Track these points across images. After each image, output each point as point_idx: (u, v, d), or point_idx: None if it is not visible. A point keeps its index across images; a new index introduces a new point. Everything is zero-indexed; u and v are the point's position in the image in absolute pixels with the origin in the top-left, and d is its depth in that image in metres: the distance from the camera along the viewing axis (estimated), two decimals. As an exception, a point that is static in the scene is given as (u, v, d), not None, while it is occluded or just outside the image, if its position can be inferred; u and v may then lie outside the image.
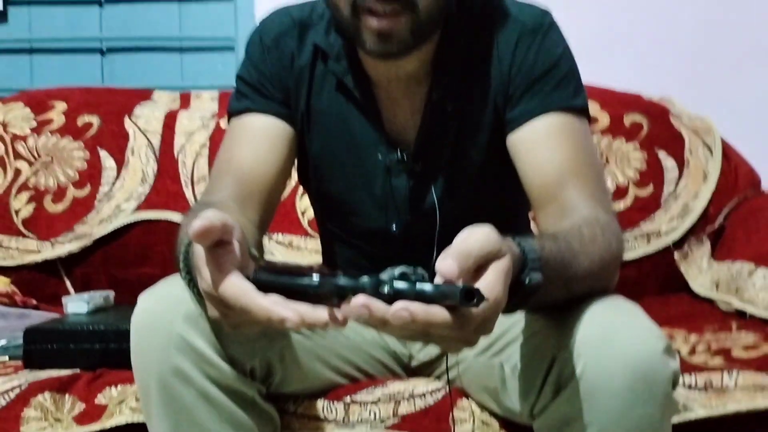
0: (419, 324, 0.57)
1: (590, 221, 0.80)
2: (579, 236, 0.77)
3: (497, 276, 0.61)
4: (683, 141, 1.55)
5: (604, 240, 0.78)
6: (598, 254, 0.77)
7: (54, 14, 1.97)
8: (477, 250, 0.60)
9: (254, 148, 0.95)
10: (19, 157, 1.55)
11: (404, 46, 0.86)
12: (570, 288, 0.75)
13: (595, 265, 0.76)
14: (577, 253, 0.74)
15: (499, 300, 0.61)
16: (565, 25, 1.81)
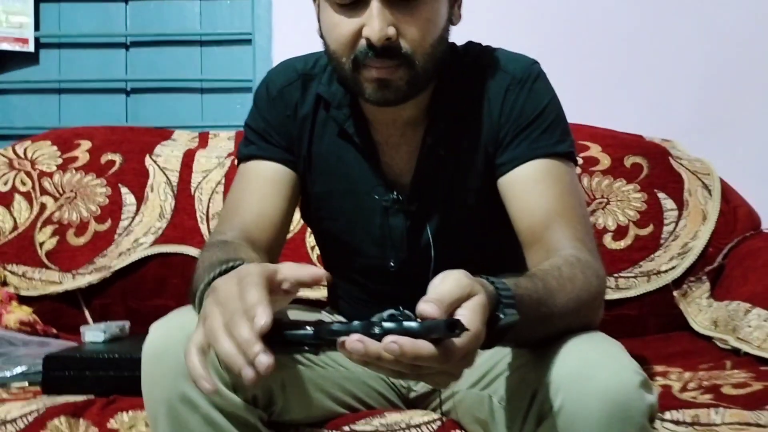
0: (408, 356, 0.62)
1: (571, 261, 0.85)
2: (558, 275, 0.81)
3: (473, 311, 0.65)
4: (683, 182, 1.59)
5: (583, 279, 0.83)
6: (575, 293, 0.81)
7: (82, 56, 2.08)
8: (448, 294, 0.65)
9: (260, 191, 1.02)
10: (45, 192, 1.64)
11: (401, 94, 0.93)
12: (548, 325, 0.79)
13: (572, 302, 0.80)
14: (554, 291, 0.79)
15: (478, 332, 0.66)
16: (570, 68, 1.90)
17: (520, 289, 0.75)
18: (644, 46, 1.91)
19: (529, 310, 0.74)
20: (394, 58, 0.90)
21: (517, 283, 0.75)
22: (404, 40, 0.90)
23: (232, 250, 0.92)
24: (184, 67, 2.06)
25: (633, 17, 1.91)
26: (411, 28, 0.90)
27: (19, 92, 2.09)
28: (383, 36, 0.89)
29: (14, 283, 1.57)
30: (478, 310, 0.66)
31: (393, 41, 0.90)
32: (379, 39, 0.89)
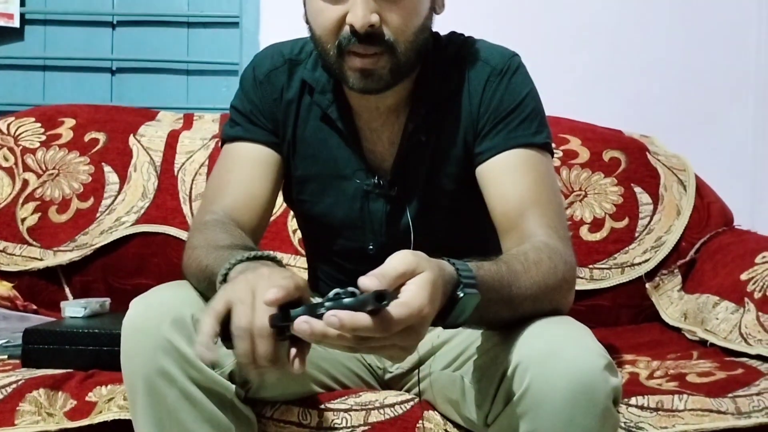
0: (347, 328, 0.66)
1: (538, 246, 0.87)
2: (523, 259, 0.84)
3: (417, 285, 0.69)
4: (659, 177, 1.62)
5: (549, 263, 0.85)
6: (541, 276, 0.84)
7: (68, 34, 2.08)
8: (392, 268, 0.69)
9: (245, 172, 1.04)
10: (28, 168, 1.64)
11: (384, 83, 0.95)
12: (513, 306, 0.82)
13: (537, 286, 0.83)
14: (518, 274, 0.81)
15: (420, 306, 0.68)
16: (552, 62, 1.93)
17: (483, 270, 0.77)
18: (626, 42, 1.94)
19: (491, 291, 0.77)
20: (377, 44, 0.92)
21: (479, 265, 0.78)
22: (387, 28, 0.93)
23: (238, 235, 0.95)
24: (170, 48, 2.06)
25: (614, 11, 1.94)
26: (394, 16, 0.92)
27: (3, 68, 2.08)
28: (366, 23, 0.91)
29: (-6, 259, 1.57)
30: (421, 285, 0.69)
31: (376, 28, 0.92)
32: (362, 26, 0.90)
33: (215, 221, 0.98)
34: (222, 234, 0.93)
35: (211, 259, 0.89)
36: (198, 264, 0.92)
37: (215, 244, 0.90)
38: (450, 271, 0.74)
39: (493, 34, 1.91)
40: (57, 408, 1.05)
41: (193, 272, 0.94)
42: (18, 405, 1.04)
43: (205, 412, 0.89)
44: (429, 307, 0.69)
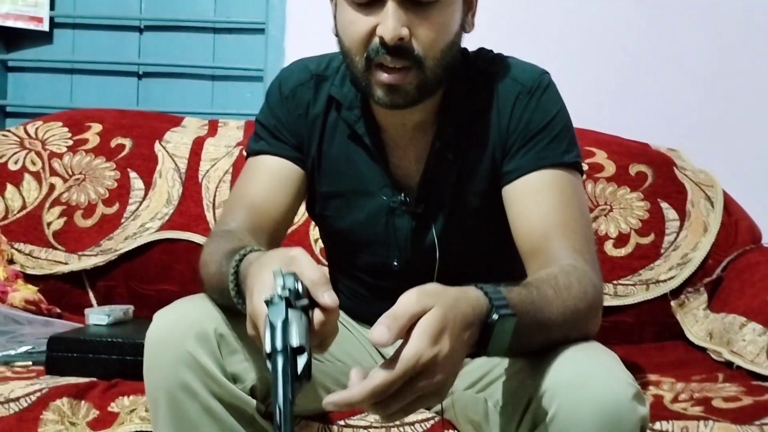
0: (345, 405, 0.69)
1: (567, 270, 0.86)
2: (554, 284, 0.82)
3: (415, 333, 0.68)
4: (686, 193, 1.60)
5: (579, 288, 0.84)
6: (572, 302, 0.82)
7: (96, 38, 2.10)
8: (403, 309, 0.69)
9: (266, 186, 1.04)
10: (55, 173, 1.65)
11: (410, 99, 0.94)
12: (544, 333, 0.81)
13: (569, 311, 0.82)
14: (550, 300, 0.80)
15: (416, 354, 0.67)
16: (579, 74, 1.91)
17: (514, 293, 0.76)
18: (653, 54, 1.91)
19: (524, 315, 0.76)
20: (405, 58, 0.92)
21: (510, 289, 0.77)
22: (416, 42, 0.92)
23: (237, 239, 0.94)
24: (196, 54, 2.07)
25: (642, 23, 1.91)
26: (424, 31, 0.92)
27: (32, 70, 2.11)
28: (396, 35, 0.90)
29: (21, 262, 1.59)
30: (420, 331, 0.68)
31: (405, 42, 0.91)
32: (392, 38, 0.90)
33: (225, 232, 0.99)
34: (226, 243, 0.93)
35: (216, 266, 0.90)
36: (207, 273, 0.93)
37: (221, 251, 0.91)
38: (476, 296, 0.73)
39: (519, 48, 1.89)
40: (80, 417, 1.06)
41: (206, 283, 0.94)
42: (42, 413, 1.05)
43: (225, 426, 0.90)
44: (430, 350, 0.68)
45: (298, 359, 0.68)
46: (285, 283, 0.72)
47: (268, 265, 0.76)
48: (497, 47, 1.08)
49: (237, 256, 0.84)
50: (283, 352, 0.68)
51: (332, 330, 0.77)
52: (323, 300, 0.75)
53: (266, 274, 0.75)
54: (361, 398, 0.67)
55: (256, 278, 0.76)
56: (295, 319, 0.69)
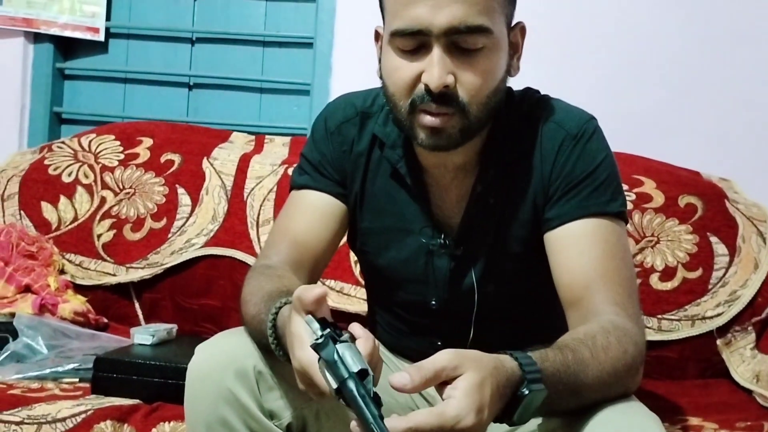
0: None
1: (607, 328, 0.84)
2: (591, 344, 0.81)
3: (462, 392, 0.69)
4: (737, 228, 1.56)
5: (618, 348, 0.82)
6: (610, 363, 0.81)
7: (149, 48, 2.14)
8: (431, 363, 0.69)
9: (309, 221, 1.05)
10: (106, 186, 1.70)
11: (453, 142, 0.94)
12: (579, 396, 0.80)
13: (606, 374, 0.80)
14: (587, 363, 0.79)
15: (458, 416, 0.68)
16: (632, 98, 1.87)
17: (548, 363, 0.76)
18: (707, 78, 1.86)
19: (558, 383, 0.75)
20: (450, 105, 0.91)
21: (544, 357, 0.76)
22: (461, 89, 0.92)
23: (277, 277, 0.96)
24: (245, 66, 2.10)
25: (697, 47, 1.86)
26: (469, 78, 0.91)
27: (87, 79, 2.16)
28: (441, 83, 0.90)
29: (71, 272, 1.64)
30: (467, 392, 0.69)
31: (450, 89, 0.91)
32: (437, 86, 0.90)
33: (266, 267, 1.00)
34: (266, 281, 0.95)
35: (255, 309, 0.91)
36: (246, 313, 0.95)
37: (260, 293, 0.93)
38: (511, 367, 0.73)
39: (571, 71, 1.89)
40: (122, 441, 1.09)
41: (246, 322, 0.96)
42: (86, 435, 1.09)
43: (262, 461, 0.91)
44: (473, 416, 0.68)
45: (366, 383, 0.71)
46: (321, 325, 0.75)
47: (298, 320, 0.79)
48: (547, 72, 1.06)
49: (273, 309, 0.85)
50: (351, 378, 0.70)
51: (378, 359, 0.78)
52: (355, 331, 0.77)
53: (299, 327, 0.77)
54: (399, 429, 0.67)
55: (293, 335, 0.77)
56: (347, 350, 0.72)
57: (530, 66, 1.07)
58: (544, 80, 1.24)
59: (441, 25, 0.88)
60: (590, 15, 1.89)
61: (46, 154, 1.77)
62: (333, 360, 0.71)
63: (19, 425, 1.09)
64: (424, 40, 0.90)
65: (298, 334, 0.77)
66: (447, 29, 0.88)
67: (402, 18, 0.90)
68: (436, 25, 0.88)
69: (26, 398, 1.14)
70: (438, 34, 0.89)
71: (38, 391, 1.19)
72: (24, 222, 1.68)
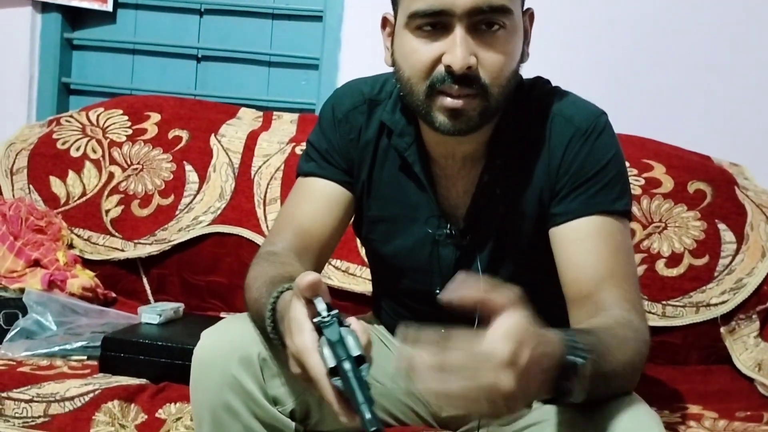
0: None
1: (623, 323, 0.84)
2: (614, 335, 0.81)
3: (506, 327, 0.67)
4: (746, 215, 1.55)
5: (636, 343, 0.83)
6: (629, 355, 0.81)
7: (158, 19, 2.12)
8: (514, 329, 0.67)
9: (314, 208, 1.05)
10: (114, 162, 1.70)
11: (473, 125, 0.93)
12: (606, 383, 0.78)
13: (627, 365, 0.80)
14: (612, 350, 0.78)
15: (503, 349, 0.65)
16: (643, 79, 1.84)
17: (584, 341, 0.74)
18: (723, 63, 1.83)
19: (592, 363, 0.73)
20: (472, 86, 0.90)
21: (579, 336, 0.75)
22: (483, 70, 0.90)
23: (280, 264, 0.97)
24: (254, 39, 2.08)
25: (712, 29, 1.83)
26: (491, 59, 0.90)
27: (95, 49, 2.15)
28: (465, 64, 0.89)
29: (80, 247, 1.65)
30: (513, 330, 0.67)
31: (473, 70, 0.90)
32: (461, 67, 0.89)
33: (270, 254, 1.01)
34: (270, 267, 0.96)
35: (257, 293, 0.92)
36: (249, 298, 0.95)
37: (263, 278, 0.93)
38: (559, 338, 0.72)
39: (584, 52, 1.86)
40: (129, 420, 1.11)
41: (248, 307, 0.96)
42: (94, 414, 1.11)
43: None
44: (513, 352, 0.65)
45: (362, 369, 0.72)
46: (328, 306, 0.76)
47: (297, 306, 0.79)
48: (559, 52, 1.04)
49: (275, 293, 0.86)
50: (349, 359, 0.71)
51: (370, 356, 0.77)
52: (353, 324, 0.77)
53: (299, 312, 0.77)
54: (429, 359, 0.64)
55: (292, 320, 0.78)
56: (349, 334, 0.73)
57: (541, 49, 1.06)
58: (556, 62, 1.23)
59: (464, 5, 0.87)
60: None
61: (54, 128, 1.77)
62: (335, 339, 0.72)
63: (28, 403, 1.11)
64: (446, 20, 0.89)
65: (296, 318, 0.77)
66: (470, 9, 0.88)
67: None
68: (459, 4, 0.87)
69: (35, 376, 1.16)
70: (461, 14, 0.88)
71: (47, 368, 1.21)
72: (33, 196, 1.69)
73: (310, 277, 0.76)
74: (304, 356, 0.76)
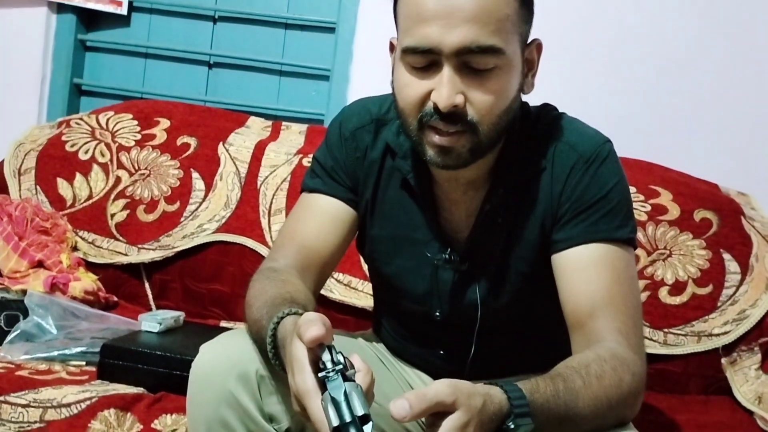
0: None
1: (603, 357, 0.84)
2: (584, 373, 0.81)
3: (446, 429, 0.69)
4: (751, 246, 1.54)
5: (613, 377, 0.83)
6: (603, 392, 0.81)
7: (172, 24, 2.13)
8: (431, 395, 0.70)
9: (318, 225, 1.05)
10: (122, 166, 1.71)
11: (462, 161, 0.93)
12: (572, 426, 0.80)
13: (599, 402, 0.81)
14: (577, 392, 0.79)
15: None
16: (652, 107, 1.83)
17: (538, 394, 0.76)
18: (731, 90, 1.83)
19: (547, 413, 0.76)
20: (459, 123, 0.90)
21: (534, 388, 0.77)
22: (471, 108, 0.90)
23: (281, 282, 0.97)
24: (266, 48, 2.09)
25: (722, 56, 1.83)
26: (479, 97, 0.90)
27: (108, 52, 2.17)
28: (450, 104, 0.89)
29: (83, 249, 1.66)
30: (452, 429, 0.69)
31: (460, 108, 0.90)
32: (446, 106, 0.89)
33: (272, 270, 1.01)
34: (271, 285, 0.95)
35: (258, 314, 0.92)
36: (249, 316, 0.95)
37: (263, 297, 0.93)
38: (500, 401, 0.74)
39: (594, 76, 1.86)
40: (125, 429, 1.11)
41: (248, 325, 0.96)
42: (90, 422, 1.11)
43: (259, 463, 0.93)
44: None
45: (364, 429, 0.71)
46: (333, 357, 0.75)
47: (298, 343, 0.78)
48: (569, 76, 1.03)
49: (275, 319, 0.85)
50: (353, 424, 0.70)
51: (372, 395, 0.79)
52: (355, 362, 0.77)
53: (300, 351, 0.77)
54: None
55: (294, 358, 0.78)
56: (354, 390, 0.72)
57: (548, 76, 1.05)
58: (566, 88, 1.22)
59: (452, 44, 0.87)
60: (611, 21, 1.85)
61: (64, 130, 1.77)
62: (339, 400, 0.71)
63: (25, 408, 1.11)
64: (435, 58, 0.89)
65: (298, 357, 0.77)
66: (458, 49, 0.87)
67: (413, 36, 0.89)
68: (447, 44, 0.87)
69: (33, 381, 1.17)
70: (449, 53, 0.87)
71: (45, 373, 1.21)
72: (39, 197, 1.70)
73: (315, 330, 0.74)
74: (305, 400, 0.76)
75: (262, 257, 1.51)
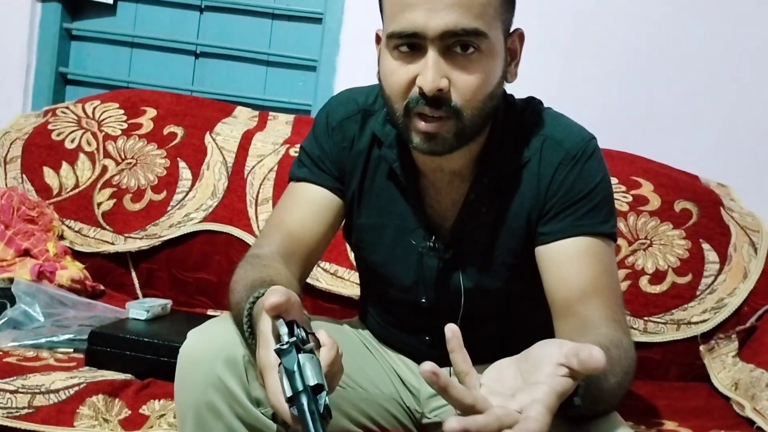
0: None
1: (615, 342, 0.85)
2: (608, 356, 0.82)
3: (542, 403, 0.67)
4: (730, 236, 1.57)
5: (626, 362, 0.84)
6: (621, 375, 0.82)
7: (158, 14, 2.13)
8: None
9: (304, 214, 1.07)
10: (108, 155, 1.71)
11: (448, 146, 0.95)
12: (593, 406, 0.79)
13: (619, 385, 0.81)
14: (606, 374, 0.79)
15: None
16: (635, 99, 1.86)
17: None
18: (714, 83, 1.86)
19: (594, 392, 0.75)
20: (443, 108, 0.92)
21: None
22: (455, 92, 0.92)
23: (263, 267, 0.98)
24: (253, 38, 2.09)
25: (706, 50, 1.86)
26: (463, 82, 0.91)
27: (94, 41, 2.15)
28: (435, 87, 0.90)
29: (70, 238, 1.66)
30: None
31: (444, 92, 0.91)
32: (430, 90, 0.90)
33: (255, 256, 1.02)
34: (252, 270, 0.96)
35: (238, 296, 0.93)
36: (232, 300, 0.96)
37: (244, 281, 0.94)
38: None
39: (577, 68, 1.88)
40: (113, 415, 1.12)
41: (231, 309, 0.97)
42: (78, 408, 1.12)
43: (247, 446, 0.94)
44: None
45: (319, 398, 0.72)
46: (290, 330, 0.76)
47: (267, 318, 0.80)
48: (551, 68, 1.05)
49: (251, 299, 0.87)
50: (305, 392, 0.72)
51: (339, 369, 0.80)
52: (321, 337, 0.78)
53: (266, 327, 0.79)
54: None
55: (260, 333, 0.79)
56: (308, 361, 0.74)
57: (531, 68, 1.07)
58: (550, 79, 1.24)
59: (436, 28, 0.88)
60: (596, 15, 1.88)
61: (50, 119, 1.77)
62: (292, 370, 0.72)
63: (13, 394, 1.12)
64: (420, 43, 0.90)
65: (264, 332, 0.79)
66: (442, 33, 0.89)
67: (398, 21, 0.90)
68: (431, 28, 0.89)
69: (21, 367, 1.17)
70: (433, 37, 0.89)
71: (33, 360, 1.22)
72: (25, 186, 1.70)
73: (274, 297, 0.76)
74: (264, 373, 0.78)
75: (248, 246, 1.52)
